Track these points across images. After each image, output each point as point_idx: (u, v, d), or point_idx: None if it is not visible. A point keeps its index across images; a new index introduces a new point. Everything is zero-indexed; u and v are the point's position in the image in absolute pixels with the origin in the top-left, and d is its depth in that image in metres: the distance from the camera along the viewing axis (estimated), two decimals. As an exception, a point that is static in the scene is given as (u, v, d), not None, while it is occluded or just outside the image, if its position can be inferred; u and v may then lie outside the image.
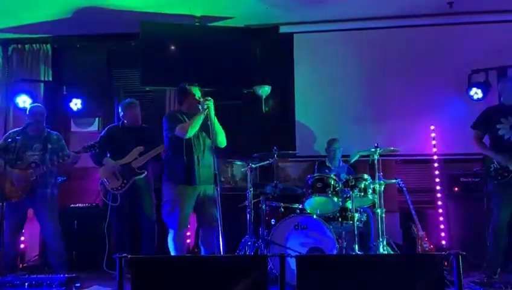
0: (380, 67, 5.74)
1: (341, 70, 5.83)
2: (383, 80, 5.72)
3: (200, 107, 3.81)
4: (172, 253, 3.86)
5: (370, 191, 4.27)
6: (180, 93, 4.07)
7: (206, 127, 3.85)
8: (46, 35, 6.10)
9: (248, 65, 5.70)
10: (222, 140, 3.93)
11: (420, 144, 5.54)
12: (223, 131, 3.93)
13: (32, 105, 4.67)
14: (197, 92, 3.98)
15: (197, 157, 3.85)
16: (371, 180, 4.31)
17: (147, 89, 5.93)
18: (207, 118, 3.75)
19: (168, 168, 3.95)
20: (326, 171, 4.94)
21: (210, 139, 3.80)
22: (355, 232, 4.11)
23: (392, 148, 4.43)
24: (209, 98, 3.77)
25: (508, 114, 4.19)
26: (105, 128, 4.78)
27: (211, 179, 3.70)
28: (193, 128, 3.78)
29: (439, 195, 5.35)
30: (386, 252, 4.22)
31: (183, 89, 4.03)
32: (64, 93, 5.87)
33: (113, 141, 4.62)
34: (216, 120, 3.84)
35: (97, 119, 6.14)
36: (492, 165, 4.15)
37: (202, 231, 3.97)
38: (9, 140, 4.36)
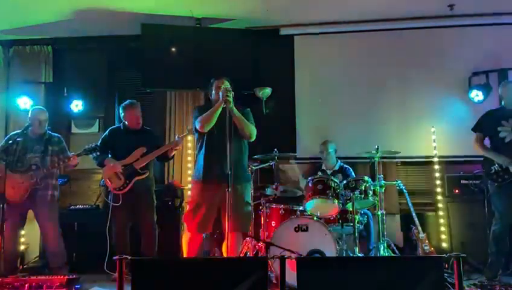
0: (381, 69, 5.74)
1: (341, 72, 5.83)
2: (384, 82, 5.73)
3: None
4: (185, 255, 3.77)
5: (370, 193, 4.26)
6: (209, 87, 3.90)
7: (230, 120, 3.59)
8: (47, 37, 6.11)
9: (248, 67, 5.71)
10: (250, 133, 3.73)
11: (421, 146, 5.53)
12: (246, 122, 3.72)
13: (36, 108, 4.67)
14: (226, 84, 3.78)
15: (218, 154, 3.56)
16: (371, 182, 4.31)
17: (148, 90, 5.93)
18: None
19: (195, 165, 3.80)
20: (320, 174, 4.91)
21: (237, 135, 3.56)
22: (356, 234, 4.10)
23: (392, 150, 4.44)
24: (228, 88, 3.60)
25: (509, 117, 4.21)
26: (107, 131, 4.79)
27: (237, 178, 3.51)
28: (208, 121, 3.60)
29: (439, 197, 5.34)
30: (386, 254, 4.22)
31: (210, 83, 3.86)
32: (65, 94, 5.87)
33: (114, 142, 4.63)
34: (237, 112, 3.63)
35: (98, 120, 6.15)
36: (493, 167, 4.15)
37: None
38: (10, 142, 4.36)
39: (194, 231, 3.71)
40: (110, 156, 4.59)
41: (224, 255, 3.71)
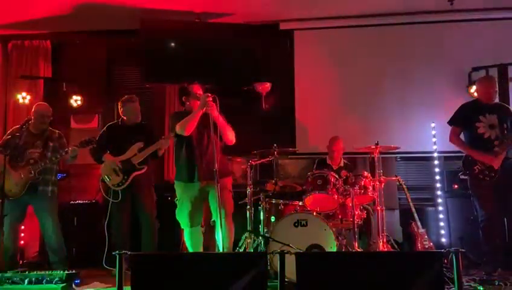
0: (380, 64, 5.73)
1: (341, 67, 5.82)
2: (384, 77, 5.72)
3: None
4: (190, 250, 3.93)
5: (370, 188, 4.26)
6: (181, 95, 4.06)
7: (209, 122, 3.78)
8: (46, 32, 6.09)
9: (248, 62, 5.69)
10: (229, 137, 3.88)
11: (421, 142, 5.53)
12: (228, 127, 3.87)
13: (40, 104, 4.67)
14: (198, 89, 3.96)
15: (200, 153, 3.84)
16: (371, 177, 4.31)
17: (147, 85, 5.92)
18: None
19: (176, 166, 4.01)
20: (325, 169, 4.91)
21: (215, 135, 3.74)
22: (355, 229, 4.11)
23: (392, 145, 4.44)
24: (209, 94, 3.73)
25: (486, 112, 4.19)
26: (105, 126, 4.78)
27: (220, 174, 3.65)
28: (190, 125, 3.76)
29: (439, 192, 5.35)
30: (385, 249, 4.22)
31: (182, 90, 4.03)
32: (64, 89, 5.87)
33: (112, 138, 4.61)
34: (220, 118, 3.76)
35: (97, 115, 6.13)
36: (476, 168, 4.13)
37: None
38: (10, 137, 4.37)
39: (189, 226, 3.90)
40: (108, 152, 4.58)
41: (220, 243, 3.79)
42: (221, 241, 3.69)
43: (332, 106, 5.82)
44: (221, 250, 3.72)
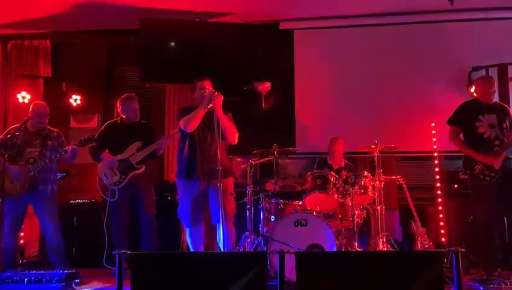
0: (381, 64, 5.73)
1: (341, 67, 5.82)
2: (384, 77, 5.72)
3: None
4: (191, 249, 3.95)
5: (370, 188, 4.26)
6: (191, 89, 4.06)
7: (213, 121, 3.77)
8: (46, 31, 6.09)
9: (248, 61, 5.69)
10: (232, 137, 3.85)
11: (421, 141, 5.53)
12: (232, 127, 3.86)
13: (37, 103, 4.67)
14: (208, 85, 3.93)
15: (201, 151, 3.83)
16: (371, 177, 4.31)
17: (147, 85, 5.92)
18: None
19: (177, 163, 4.01)
20: (325, 169, 4.91)
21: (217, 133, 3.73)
22: (355, 229, 4.11)
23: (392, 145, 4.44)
24: (214, 91, 3.72)
25: (485, 111, 4.17)
26: (104, 125, 4.77)
27: (217, 174, 3.65)
28: (193, 121, 3.74)
29: (439, 192, 5.34)
30: (385, 249, 4.22)
31: (192, 84, 4.02)
32: (64, 89, 5.87)
33: (111, 137, 4.61)
34: (223, 115, 3.76)
35: (97, 115, 6.13)
36: (476, 167, 4.13)
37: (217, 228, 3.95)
38: (9, 136, 4.36)
39: (190, 225, 3.91)
40: (106, 150, 4.58)
41: (221, 243, 3.78)
42: (222, 244, 3.68)
43: (332, 106, 5.82)
44: (222, 250, 3.72)
